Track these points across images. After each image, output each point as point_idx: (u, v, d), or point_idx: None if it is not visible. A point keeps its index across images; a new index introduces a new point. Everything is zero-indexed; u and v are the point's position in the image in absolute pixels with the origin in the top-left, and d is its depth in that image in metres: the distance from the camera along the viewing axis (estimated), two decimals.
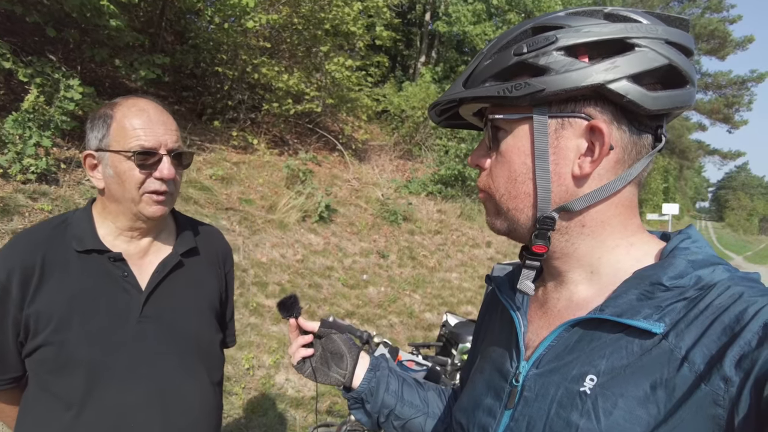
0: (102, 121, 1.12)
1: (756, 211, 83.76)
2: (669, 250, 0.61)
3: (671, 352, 0.53)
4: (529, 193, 0.63)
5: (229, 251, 1.45)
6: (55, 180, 4.64)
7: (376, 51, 11.84)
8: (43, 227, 1.17)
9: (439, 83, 13.56)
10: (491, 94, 0.62)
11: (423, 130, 12.41)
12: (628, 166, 0.62)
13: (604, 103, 0.59)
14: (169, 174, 1.11)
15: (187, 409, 1.19)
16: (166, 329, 1.18)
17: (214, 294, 1.34)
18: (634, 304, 0.58)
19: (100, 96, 6.00)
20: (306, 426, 3.61)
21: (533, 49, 0.60)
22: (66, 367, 1.08)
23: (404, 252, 7.84)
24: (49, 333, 1.07)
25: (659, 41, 0.58)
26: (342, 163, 9.61)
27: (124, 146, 1.09)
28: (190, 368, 1.22)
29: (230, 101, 7.81)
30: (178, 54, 7.17)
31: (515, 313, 0.72)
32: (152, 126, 1.11)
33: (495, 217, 0.70)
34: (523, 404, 0.64)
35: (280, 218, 6.52)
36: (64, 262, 1.11)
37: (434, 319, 6.27)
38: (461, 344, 3.15)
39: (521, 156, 0.63)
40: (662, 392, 0.52)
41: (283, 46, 8.21)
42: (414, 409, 0.93)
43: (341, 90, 8.90)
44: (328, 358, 0.95)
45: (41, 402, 1.11)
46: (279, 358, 4.29)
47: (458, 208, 10.62)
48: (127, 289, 1.15)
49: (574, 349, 0.61)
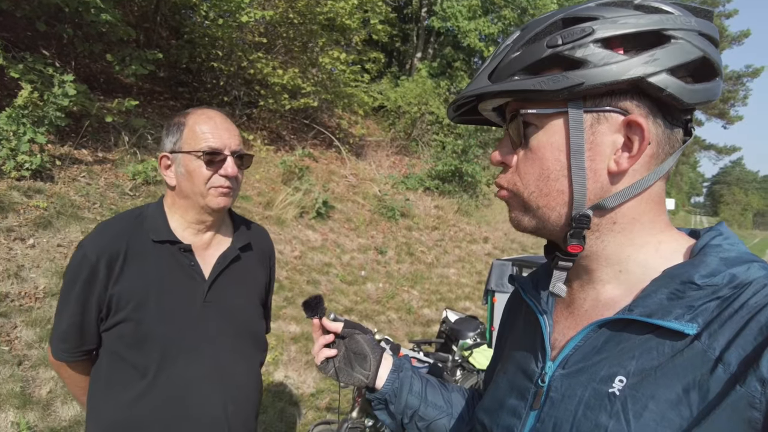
0: (176, 128, 1.29)
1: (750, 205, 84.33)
2: (700, 247, 0.59)
3: (704, 353, 0.51)
4: (563, 191, 0.61)
5: (273, 248, 1.60)
6: (50, 177, 4.59)
7: (372, 47, 11.78)
8: (125, 218, 1.33)
9: (436, 78, 13.51)
10: (526, 87, 0.59)
11: (420, 126, 12.38)
12: (661, 161, 0.60)
13: (641, 96, 0.58)
14: (233, 171, 1.27)
15: (240, 384, 1.35)
16: (225, 314, 1.34)
17: (262, 286, 1.50)
18: (664, 303, 0.56)
19: (93, 92, 5.95)
20: (306, 423, 3.59)
21: (569, 41, 0.57)
22: (144, 341, 1.24)
23: (402, 248, 7.82)
24: (130, 311, 1.23)
25: (693, 33, 0.57)
26: (339, 159, 9.58)
27: (195, 147, 1.26)
28: (242, 349, 1.38)
29: (226, 97, 7.76)
30: (173, 49, 7.10)
31: (540, 314, 0.70)
32: (218, 131, 1.27)
33: (522, 213, 0.67)
34: (550, 405, 0.62)
35: (277, 214, 6.49)
36: (143, 250, 1.28)
37: (432, 315, 6.26)
38: (461, 340, 3.14)
39: (554, 152, 0.61)
40: (695, 394, 0.50)
41: (278, 41, 8.14)
42: (438, 410, 0.93)
43: (337, 85, 8.85)
44: (351, 359, 0.95)
45: (118, 372, 1.26)
46: (278, 356, 4.27)
47: (455, 203, 10.62)
48: (193, 276, 1.31)
49: (602, 350, 0.60)
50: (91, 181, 4.90)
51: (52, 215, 4.24)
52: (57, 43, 6.06)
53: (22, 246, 3.86)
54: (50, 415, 2.91)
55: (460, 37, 13.12)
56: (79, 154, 5.14)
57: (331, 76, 8.75)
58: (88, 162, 5.12)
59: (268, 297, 1.57)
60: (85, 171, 4.97)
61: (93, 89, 6.12)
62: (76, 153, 5.10)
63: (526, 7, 13.17)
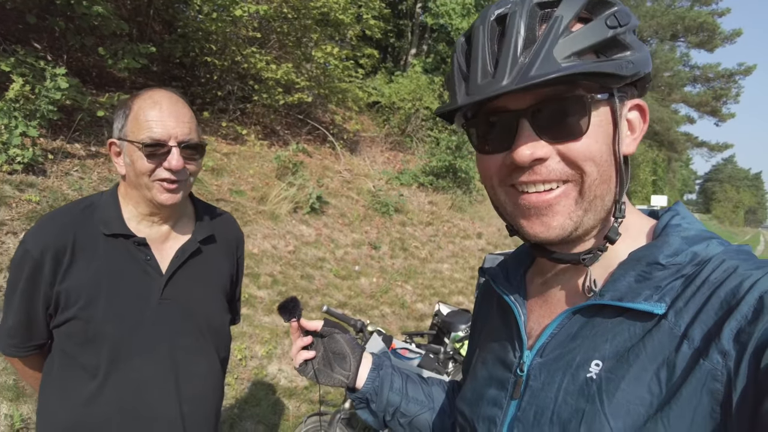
0: (122, 112, 1.19)
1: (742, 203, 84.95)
2: (661, 228, 0.61)
3: (671, 330, 0.53)
4: (613, 177, 0.60)
5: (241, 237, 1.53)
6: (43, 171, 4.57)
7: (366, 42, 11.77)
8: (72, 209, 1.23)
9: (430, 74, 13.51)
10: (608, 70, 0.55)
11: (414, 122, 12.38)
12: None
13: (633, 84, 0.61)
14: (176, 165, 1.15)
15: (198, 385, 1.29)
16: (183, 311, 1.27)
17: (227, 278, 1.42)
18: (633, 286, 0.57)
19: (86, 86, 5.91)
20: (299, 415, 3.61)
21: (623, 24, 0.57)
22: (92, 341, 1.17)
23: (396, 243, 7.84)
24: (78, 309, 1.15)
25: None
26: (333, 155, 9.57)
27: (137, 137, 1.15)
28: (202, 347, 1.31)
29: (220, 92, 7.73)
30: (167, 43, 7.06)
31: (514, 304, 0.71)
32: (163, 118, 1.15)
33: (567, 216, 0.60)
34: (530, 394, 0.63)
35: (271, 209, 6.48)
36: (93, 244, 1.19)
37: (426, 310, 6.30)
38: (453, 333, 3.17)
39: (604, 137, 0.59)
40: (664, 371, 0.52)
41: (272, 36, 8.12)
42: (419, 405, 0.93)
43: (331, 81, 8.83)
44: (330, 359, 0.94)
45: (68, 370, 1.19)
46: (271, 349, 4.28)
47: (449, 199, 10.65)
48: (149, 272, 1.23)
49: (577, 336, 0.61)
50: (84, 176, 4.88)
51: (45, 209, 4.22)
52: (48, 36, 6.02)
53: (14, 240, 3.85)
54: None
55: (454, 34, 13.12)
56: (72, 148, 5.11)
57: (325, 72, 8.73)
58: (80, 156, 5.09)
59: (236, 288, 1.51)
60: (78, 165, 4.95)
61: (85, 83, 6.08)
62: (69, 147, 5.07)
63: None
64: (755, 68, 33.35)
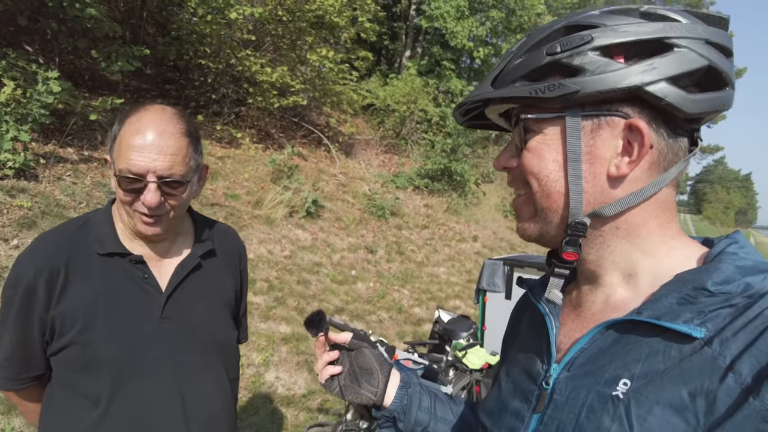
0: (116, 128, 1.11)
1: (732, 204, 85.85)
2: (714, 254, 0.59)
3: (714, 360, 0.50)
4: (562, 193, 0.62)
5: (243, 250, 1.47)
6: (35, 176, 4.49)
7: (361, 45, 11.73)
8: (66, 229, 1.17)
9: (424, 76, 13.51)
10: (522, 94, 0.61)
11: (409, 124, 12.37)
12: (663, 169, 0.60)
13: (642, 105, 0.58)
14: (150, 202, 1.06)
15: (207, 405, 1.23)
16: (186, 329, 1.21)
17: (230, 293, 1.36)
18: (674, 307, 0.55)
19: (78, 89, 5.83)
20: (297, 424, 3.56)
21: (567, 49, 0.58)
22: (92, 367, 1.11)
23: (392, 247, 7.81)
24: (75, 333, 1.09)
25: (699, 41, 0.56)
26: (328, 158, 9.53)
27: (117, 164, 1.07)
28: (209, 366, 1.25)
29: (214, 95, 7.66)
30: (160, 46, 6.99)
31: (548, 315, 0.70)
32: (145, 149, 1.05)
33: (529, 221, 0.67)
34: (553, 408, 0.61)
35: (266, 214, 6.43)
36: (88, 265, 1.13)
37: (423, 314, 6.26)
38: (455, 340, 3.14)
39: (552, 154, 0.62)
40: (702, 401, 0.49)
41: (267, 38, 8.07)
42: (448, 425, 0.90)
43: (326, 83, 8.80)
44: (357, 374, 0.90)
45: (68, 399, 1.13)
46: (268, 356, 4.23)
47: (445, 202, 10.64)
48: (147, 290, 1.17)
49: (608, 352, 0.59)
50: (77, 180, 4.81)
51: (37, 215, 4.15)
52: (40, 39, 5.93)
53: (5, 247, 3.77)
54: None
55: (448, 37, 13.13)
56: (64, 152, 5.04)
57: (320, 74, 8.69)
58: (73, 161, 5.02)
59: (241, 303, 1.45)
60: (71, 170, 4.88)
61: (78, 86, 6.00)
62: (61, 151, 5.00)
63: (514, 8, 13.23)
64: (745, 71, 33.73)
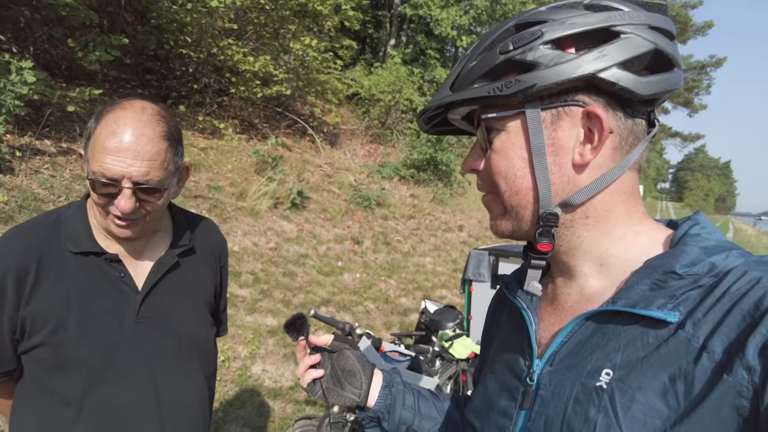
0: (92, 124, 1.04)
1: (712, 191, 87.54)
2: (679, 237, 0.60)
3: (689, 341, 0.51)
4: (531, 188, 0.63)
5: (224, 245, 1.43)
6: (10, 169, 4.37)
7: (344, 33, 11.61)
8: (37, 226, 1.12)
9: (409, 65, 13.44)
10: (481, 95, 0.62)
11: (394, 114, 12.32)
12: (625, 152, 0.61)
13: (597, 92, 0.59)
14: (124, 207, 1.02)
15: (182, 406, 1.21)
16: (163, 329, 1.17)
17: (210, 290, 1.33)
18: (647, 294, 0.56)
19: (54, 79, 5.67)
20: (284, 417, 3.56)
21: (519, 46, 0.60)
22: (64, 368, 1.07)
23: (378, 237, 7.81)
24: (46, 334, 1.06)
25: (643, 27, 0.59)
26: (313, 148, 9.45)
27: (91, 166, 1.02)
28: (185, 366, 1.22)
29: (196, 84, 7.52)
30: (140, 35, 6.83)
31: (525, 311, 0.70)
32: (120, 154, 0.99)
33: (500, 218, 0.68)
34: (540, 403, 0.62)
35: (251, 205, 6.37)
36: (60, 263, 1.09)
37: (410, 304, 6.29)
38: (441, 331, 3.16)
39: (517, 151, 0.63)
40: (681, 383, 0.50)
41: (249, 27, 7.93)
42: (432, 421, 0.91)
43: (310, 72, 8.69)
44: (339, 376, 0.90)
45: (40, 398, 1.10)
46: (255, 349, 4.21)
47: (431, 192, 10.65)
48: (123, 290, 1.14)
49: (588, 344, 0.60)
50: (56, 173, 4.70)
51: (14, 210, 4.05)
52: (13, 27, 5.74)
53: None
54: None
55: (433, 25, 13.06)
56: (41, 144, 4.91)
57: (304, 63, 8.58)
58: (51, 153, 4.90)
59: (221, 299, 1.42)
60: (49, 162, 4.76)
61: (54, 76, 5.83)
62: (38, 144, 4.87)
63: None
64: (726, 60, 34.16)
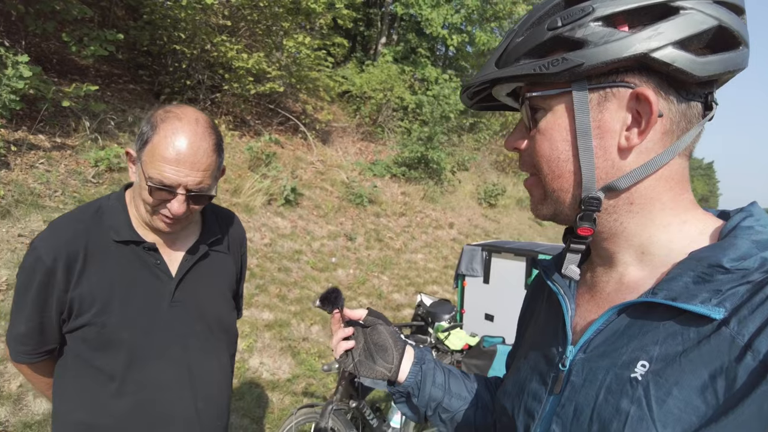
0: (147, 129, 1.12)
1: (696, 191, 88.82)
2: (729, 229, 0.56)
3: (733, 339, 0.48)
4: (574, 172, 0.61)
5: (244, 235, 1.54)
6: (6, 163, 4.37)
7: (336, 31, 11.64)
8: (82, 215, 1.21)
9: (400, 63, 13.52)
10: (526, 72, 0.60)
11: (385, 112, 12.39)
12: (676, 137, 0.58)
13: (649, 72, 0.56)
14: (176, 212, 1.14)
15: (211, 381, 1.33)
16: (194, 312, 1.29)
17: (233, 276, 1.44)
18: (690, 287, 0.54)
19: (47, 73, 5.65)
20: (283, 408, 3.63)
21: (568, 22, 0.57)
22: (108, 346, 1.17)
23: (371, 234, 7.89)
24: (93, 315, 1.15)
25: (706, 2, 0.54)
26: (305, 145, 9.49)
27: (148, 171, 1.11)
28: (213, 346, 1.34)
29: (189, 81, 7.52)
30: (133, 30, 6.81)
31: (562, 297, 0.69)
32: (179, 164, 1.10)
33: (541, 202, 0.66)
34: (570, 389, 0.61)
35: (245, 202, 6.41)
36: (105, 250, 1.19)
37: (402, 300, 6.38)
38: (437, 323, 3.25)
39: (562, 133, 0.61)
40: (722, 381, 0.48)
41: (242, 24, 7.94)
42: (462, 401, 0.90)
43: (302, 69, 8.72)
44: (372, 351, 0.90)
45: (86, 374, 1.19)
46: (252, 342, 4.27)
47: (422, 190, 10.74)
48: (159, 276, 1.24)
49: (625, 334, 0.58)
50: (51, 168, 4.70)
51: (11, 204, 4.06)
52: (5, 21, 5.71)
53: None
54: (22, 409, 2.84)
55: (423, 24, 13.14)
56: (36, 139, 4.91)
57: (296, 60, 8.61)
58: (46, 148, 4.89)
59: (240, 285, 1.52)
60: (44, 157, 4.76)
61: (46, 71, 5.80)
62: (33, 138, 4.86)
63: None
64: None
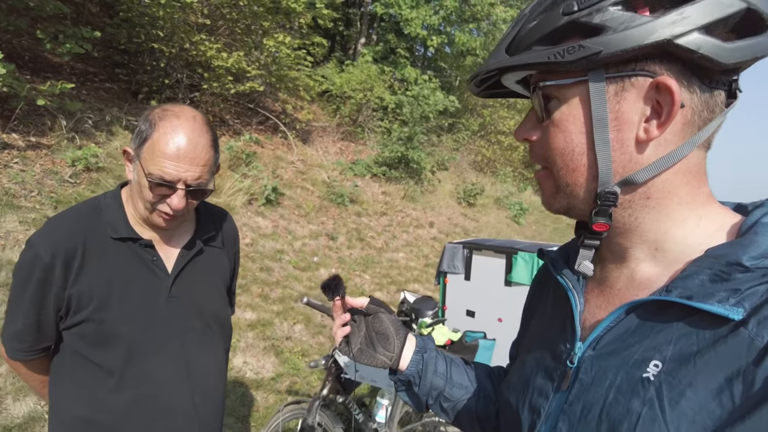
0: (145, 128, 1.15)
1: None
2: (749, 225, 0.53)
3: (751, 341, 0.46)
4: (589, 165, 0.57)
5: (237, 232, 1.58)
6: None
7: (316, 31, 11.62)
8: (81, 212, 1.24)
9: (380, 63, 13.57)
10: (540, 60, 0.56)
11: (365, 112, 12.42)
12: (697, 128, 0.54)
13: (670, 60, 0.52)
14: (177, 206, 1.17)
15: (207, 376, 1.36)
16: (190, 308, 1.32)
17: (227, 273, 1.48)
18: (706, 285, 0.51)
19: (20, 71, 5.52)
20: (267, 406, 3.64)
21: (585, 6, 0.53)
22: (106, 341, 1.19)
23: (352, 233, 7.92)
24: (91, 311, 1.17)
25: None
26: (285, 145, 9.46)
27: (148, 167, 1.13)
28: (209, 341, 1.37)
29: (167, 80, 7.44)
30: (109, 28, 6.70)
31: (571, 291, 0.66)
32: (179, 160, 1.13)
33: (553, 196, 0.63)
34: (579, 387, 0.59)
35: (226, 201, 6.37)
36: (102, 248, 1.21)
37: (384, 298, 6.43)
38: (421, 319, 3.31)
39: (578, 125, 0.57)
40: (739, 385, 0.45)
41: (221, 22, 7.88)
42: (464, 390, 0.90)
43: (282, 69, 8.70)
44: (373, 339, 0.90)
45: (84, 370, 1.21)
46: (235, 342, 4.26)
47: (402, 189, 10.82)
48: (156, 272, 1.27)
49: (636, 333, 0.55)
50: (26, 168, 4.60)
51: None
52: None
53: None
54: (1, 413, 2.79)
55: (403, 24, 13.22)
56: (9, 138, 4.80)
57: (276, 60, 8.58)
58: (20, 147, 4.79)
59: (233, 281, 1.56)
60: (18, 157, 4.66)
61: (19, 68, 5.67)
62: (6, 138, 4.76)
63: None
64: None
